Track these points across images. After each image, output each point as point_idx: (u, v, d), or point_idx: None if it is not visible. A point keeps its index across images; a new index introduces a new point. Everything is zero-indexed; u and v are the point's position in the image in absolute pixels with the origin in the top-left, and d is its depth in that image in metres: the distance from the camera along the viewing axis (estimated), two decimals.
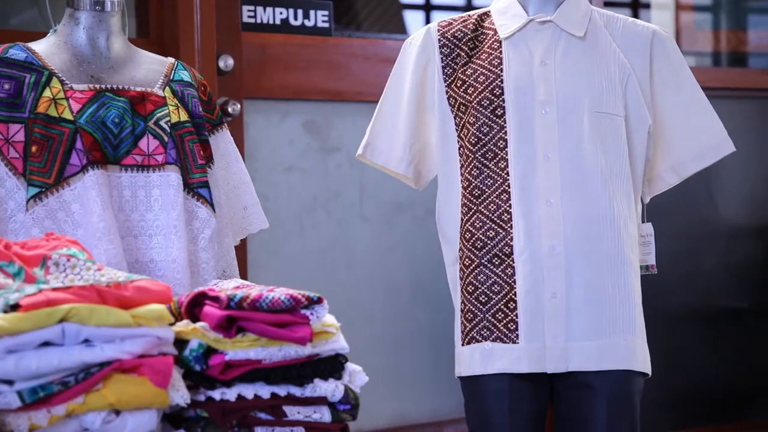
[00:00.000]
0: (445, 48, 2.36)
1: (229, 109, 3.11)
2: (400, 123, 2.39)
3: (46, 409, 1.37)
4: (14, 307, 1.37)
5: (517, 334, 2.22)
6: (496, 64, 2.31)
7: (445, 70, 2.35)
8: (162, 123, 2.03)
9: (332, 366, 1.61)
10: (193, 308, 1.60)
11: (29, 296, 1.38)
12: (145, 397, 1.43)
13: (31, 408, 1.36)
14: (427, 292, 3.60)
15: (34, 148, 1.92)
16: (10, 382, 1.35)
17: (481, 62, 2.33)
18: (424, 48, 2.38)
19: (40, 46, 2.03)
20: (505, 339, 2.22)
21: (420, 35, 2.39)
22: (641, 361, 2.28)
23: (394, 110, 2.41)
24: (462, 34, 2.36)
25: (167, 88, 2.09)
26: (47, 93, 1.95)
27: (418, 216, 3.61)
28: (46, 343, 1.38)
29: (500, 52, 2.32)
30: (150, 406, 1.44)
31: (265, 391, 1.54)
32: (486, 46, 2.34)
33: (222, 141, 2.22)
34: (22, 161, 1.93)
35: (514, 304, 2.23)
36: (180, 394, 1.47)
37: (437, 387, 3.58)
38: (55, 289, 1.42)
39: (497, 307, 2.24)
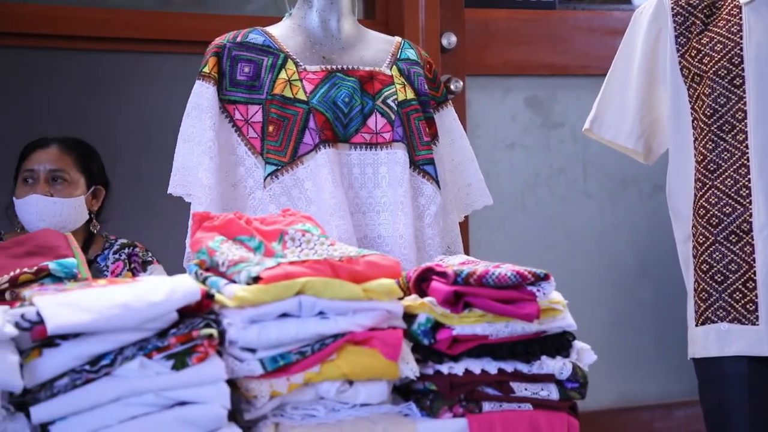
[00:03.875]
0: (679, 16, 2.25)
1: (452, 87, 3.13)
2: (630, 96, 2.32)
3: (286, 377, 1.43)
4: (255, 280, 1.44)
5: (757, 315, 2.10)
6: (735, 31, 2.18)
7: (679, 39, 2.24)
8: (389, 101, 2.07)
9: (559, 343, 1.59)
10: (421, 283, 1.62)
11: (269, 269, 1.45)
12: (376, 368, 1.47)
13: (272, 375, 1.43)
14: (653, 271, 3.48)
15: (270, 128, 2.02)
16: (252, 351, 1.43)
17: (719, 29, 2.21)
18: (656, 17, 2.29)
19: (276, 30, 2.12)
20: (743, 320, 2.12)
21: (651, 4, 2.30)
22: None
23: (624, 82, 2.34)
24: (697, 1, 2.25)
25: (394, 66, 2.13)
26: (283, 75, 2.04)
27: (644, 192, 3.50)
28: (284, 315, 1.44)
29: (740, 18, 2.19)
30: (381, 377, 1.48)
31: (492, 366, 1.54)
32: (724, 13, 2.22)
33: (447, 118, 2.24)
34: (259, 141, 2.03)
35: (753, 284, 2.11)
36: (409, 367, 1.50)
37: (664, 368, 3.46)
38: (292, 263, 1.48)
39: (734, 286, 2.14)
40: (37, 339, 1.31)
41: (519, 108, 3.41)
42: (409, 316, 1.56)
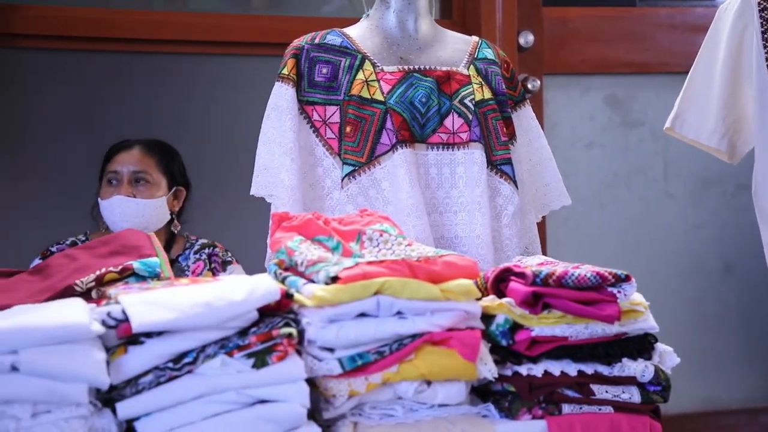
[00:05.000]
0: (766, 11, 2.20)
1: (529, 86, 3.10)
2: (713, 93, 2.27)
3: (364, 376, 1.44)
4: (334, 279, 1.45)
5: None
6: None
7: (766, 36, 2.19)
8: (467, 101, 2.07)
9: (641, 345, 1.56)
10: (499, 284, 1.62)
11: (347, 269, 1.46)
12: (454, 369, 1.46)
13: (351, 375, 1.43)
14: (738, 272, 3.40)
15: (348, 129, 2.03)
16: (331, 350, 1.44)
17: None
18: (742, 13, 2.23)
19: (354, 31, 2.13)
20: None
21: (737, 0, 2.25)
22: None
23: (707, 80, 2.29)
24: None
25: (471, 66, 2.12)
26: (360, 75, 2.05)
27: (728, 192, 3.42)
28: (363, 314, 1.45)
29: None
30: (459, 378, 1.48)
31: (571, 368, 1.53)
32: None
33: (524, 117, 2.22)
34: (337, 141, 2.04)
35: None
36: (488, 368, 1.49)
37: (750, 372, 3.38)
38: (370, 263, 1.49)
39: None
40: (122, 337, 1.34)
41: (597, 107, 3.37)
42: (487, 317, 1.55)
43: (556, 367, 1.53)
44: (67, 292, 1.55)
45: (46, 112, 3.13)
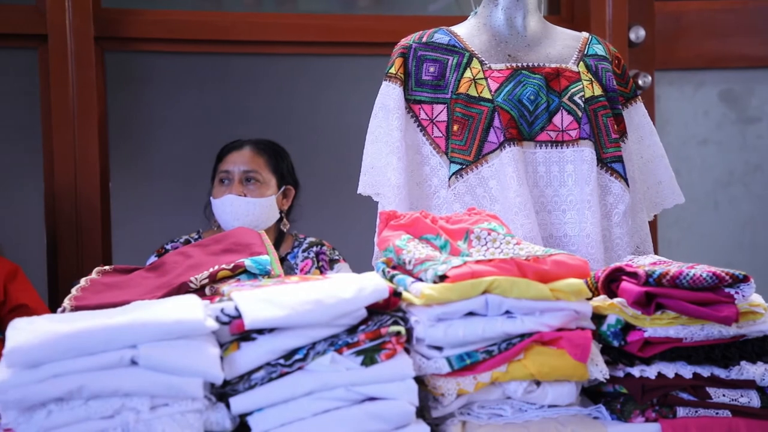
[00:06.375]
0: None
1: (640, 82, 3.04)
2: None
3: (473, 375, 1.43)
4: (442, 278, 1.45)
5: None
6: None
7: None
8: (576, 98, 2.04)
9: (761, 348, 1.51)
10: (610, 283, 1.59)
11: (455, 268, 1.45)
12: (564, 369, 1.44)
13: (459, 374, 1.43)
14: None
15: (455, 127, 2.02)
16: (439, 348, 1.44)
17: None
18: None
19: (461, 29, 2.12)
20: None
21: None
22: None
23: None
24: None
25: (581, 63, 2.09)
26: (468, 74, 2.04)
27: None
28: (471, 313, 1.44)
29: None
30: (569, 378, 1.46)
31: (686, 370, 1.49)
32: None
33: (636, 114, 2.17)
34: (444, 140, 2.04)
35: None
36: (599, 369, 1.47)
37: None
38: (478, 262, 1.48)
39: None
40: (235, 333, 1.37)
41: (712, 102, 3.27)
42: (598, 317, 1.53)
43: (670, 369, 1.49)
44: (182, 288, 1.59)
45: (161, 114, 3.23)
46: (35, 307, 2.45)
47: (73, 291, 1.65)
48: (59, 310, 1.58)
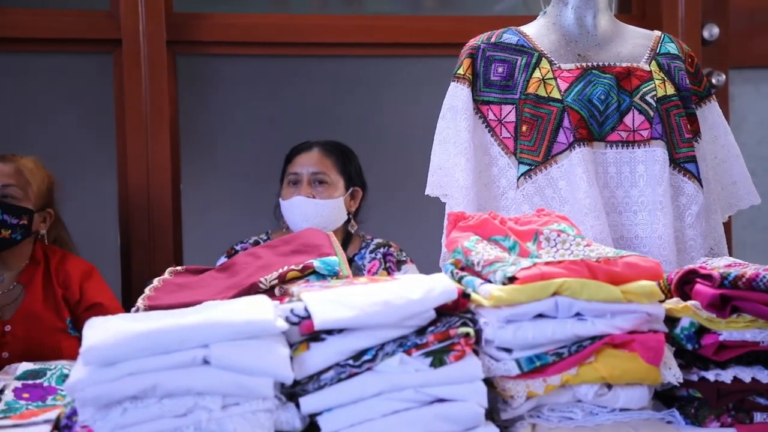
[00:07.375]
0: None
1: (714, 81, 2.98)
2: None
3: (542, 378, 1.42)
4: (511, 280, 1.44)
5: None
6: None
7: None
8: (648, 98, 2.01)
9: None
10: (684, 286, 1.56)
11: (524, 269, 1.44)
12: (636, 372, 1.42)
13: (528, 376, 1.42)
14: None
15: (524, 128, 2.01)
16: (509, 350, 1.43)
17: None
18: None
19: (530, 29, 2.10)
20: None
21: None
22: None
23: None
24: None
25: (653, 62, 2.06)
26: (537, 74, 2.02)
27: None
28: (541, 315, 1.43)
29: None
30: (641, 382, 1.44)
31: (763, 375, 1.46)
32: None
33: (710, 113, 2.13)
34: (512, 141, 2.03)
35: None
36: (672, 372, 1.45)
37: None
38: (547, 263, 1.47)
39: None
40: (305, 333, 1.38)
41: None
42: (671, 320, 1.50)
43: (746, 374, 1.46)
44: (252, 289, 1.61)
45: (231, 116, 3.27)
46: (110, 306, 2.50)
47: (147, 291, 1.68)
48: (133, 309, 1.61)
